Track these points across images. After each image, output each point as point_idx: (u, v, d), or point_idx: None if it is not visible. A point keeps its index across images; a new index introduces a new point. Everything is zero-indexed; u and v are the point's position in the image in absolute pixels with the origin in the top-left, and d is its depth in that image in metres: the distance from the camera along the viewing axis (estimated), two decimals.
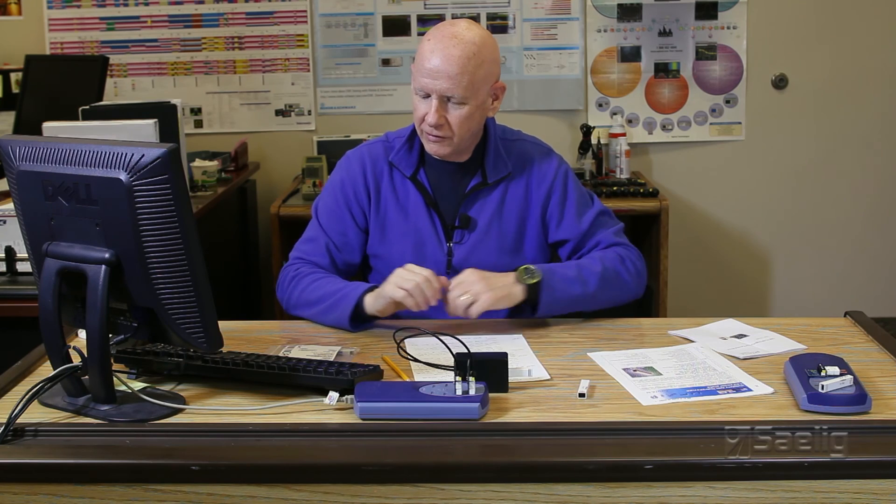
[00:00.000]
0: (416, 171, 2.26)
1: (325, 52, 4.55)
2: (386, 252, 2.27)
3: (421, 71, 2.14)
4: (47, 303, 1.65)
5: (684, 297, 4.51)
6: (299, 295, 2.20)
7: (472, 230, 2.25)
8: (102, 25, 4.54)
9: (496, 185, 2.26)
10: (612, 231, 2.27)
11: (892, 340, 1.95)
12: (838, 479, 1.47)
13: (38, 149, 1.66)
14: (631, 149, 4.40)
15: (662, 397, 1.69)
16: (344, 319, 2.08)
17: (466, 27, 2.17)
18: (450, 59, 2.11)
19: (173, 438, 1.57)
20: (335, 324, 2.11)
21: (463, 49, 2.12)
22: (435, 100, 2.14)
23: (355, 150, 2.34)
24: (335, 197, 2.30)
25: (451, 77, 2.12)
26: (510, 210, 2.26)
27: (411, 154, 2.27)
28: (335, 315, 2.10)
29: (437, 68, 2.12)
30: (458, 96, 2.13)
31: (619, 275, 2.19)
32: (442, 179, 2.27)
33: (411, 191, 2.26)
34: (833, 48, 4.51)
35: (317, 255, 2.27)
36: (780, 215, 4.63)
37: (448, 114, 2.15)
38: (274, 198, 4.16)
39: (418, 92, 2.17)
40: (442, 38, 2.14)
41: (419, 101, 2.18)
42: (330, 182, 2.35)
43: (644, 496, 1.48)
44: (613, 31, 4.50)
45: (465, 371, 1.65)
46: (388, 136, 2.33)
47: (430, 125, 2.15)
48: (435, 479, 1.48)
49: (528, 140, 2.34)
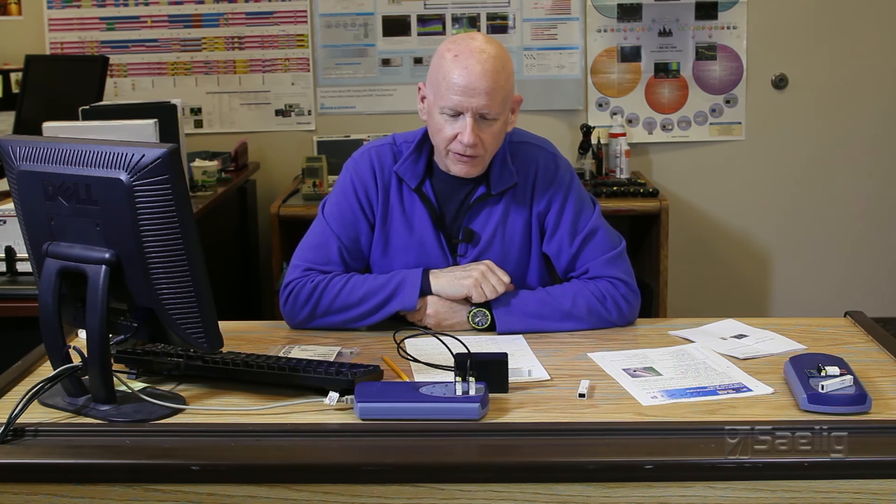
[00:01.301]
0: (421, 182, 2.19)
1: (325, 52, 4.55)
2: (388, 265, 2.19)
3: (451, 89, 2.04)
4: (47, 303, 1.65)
5: (684, 297, 4.51)
6: (330, 303, 2.10)
7: (475, 244, 2.18)
8: (102, 25, 4.54)
9: (501, 196, 2.18)
10: (603, 259, 2.15)
11: (892, 340, 1.95)
12: (838, 479, 1.47)
13: (38, 149, 1.66)
14: (631, 149, 4.40)
15: (662, 397, 1.69)
16: (412, 300, 2.08)
17: (487, 40, 2.09)
18: (484, 74, 2.03)
19: (173, 438, 1.57)
20: (387, 313, 2.09)
21: (493, 63, 2.05)
22: (469, 118, 2.04)
23: (362, 152, 2.24)
24: (348, 200, 2.20)
25: (488, 93, 2.03)
26: (514, 220, 2.19)
27: (417, 165, 2.19)
28: (396, 301, 2.09)
29: (472, 85, 2.03)
30: (493, 112, 2.05)
31: (593, 313, 2.10)
32: (447, 191, 2.19)
33: (417, 203, 2.19)
34: (833, 48, 4.51)
35: (330, 262, 2.17)
36: (780, 215, 4.63)
37: (481, 131, 2.07)
38: (274, 198, 4.16)
39: (445, 111, 2.06)
40: (470, 53, 2.05)
41: (445, 122, 2.07)
42: (339, 185, 2.24)
43: (644, 496, 1.48)
44: (613, 31, 4.50)
45: (465, 371, 1.65)
46: (396, 139, 2.23)
47: (467, 145, 2.06)
48: (435, 479, 1.48)
49: (534, 143, 2.24)
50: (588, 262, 2.16)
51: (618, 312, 2.12)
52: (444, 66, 2.07)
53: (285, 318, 2.16)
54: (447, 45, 2.11)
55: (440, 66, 2.08)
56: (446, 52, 2.08)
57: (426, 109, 2.15)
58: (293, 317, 2.14)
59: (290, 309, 2.14)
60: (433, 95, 2.10)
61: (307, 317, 2.12)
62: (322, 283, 2.12)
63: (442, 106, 2.07)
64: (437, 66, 2.10)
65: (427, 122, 2.16)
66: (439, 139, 2.11)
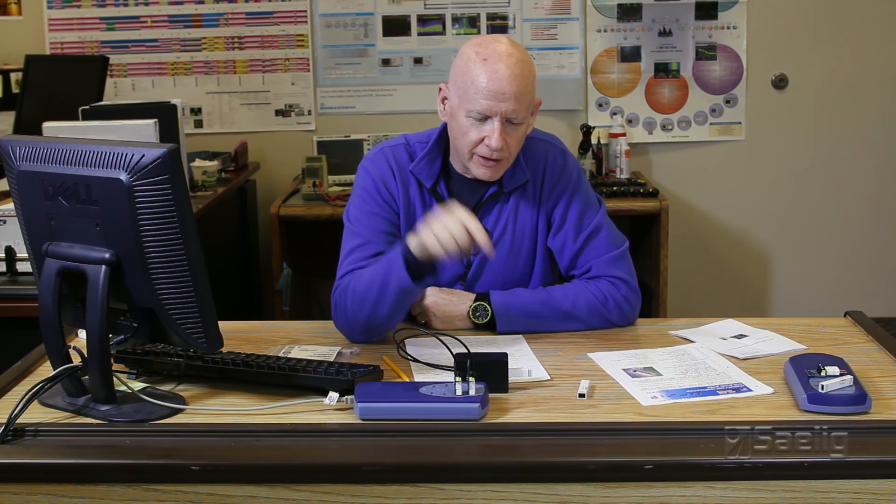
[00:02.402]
0: (436, 182, 2.18)
1: (325, 52, 4.55)
2: None
3: (480, 93, 2.03)
4: (47, 303, 1.65)
5: (684, 297, 4.51)
6: (351, 306, 2.02)
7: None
8: (102, 25, 4.54)
9: (511, 192, 2.19)
10: (607, 258, 2.15)
11: (892, 340, 1.95)
12: (838, 479, 1.47)
13: (38, 149, 1.66)
14: (631, 149, 4.40)
15: (662, 397, 1.69)
16: (403, 278, 1.95)
17: (511, 43, 2.08)
18: (513, 79, 2.02)
19: (173, 438, 1.57)
20: (396, 295, 1.96)
21: (521, 68, 2.04)
22: (497, 122, 2.03)
23: (377, 152, 2.22)
24: (372, 196, 2.17)
25: (517, 98, 2.03)
26: (524, 217, 2.19)
27: (433, 165, 2.18)
28: (393, 282, 1.96)
29: (502, 90, 2.02)
30: (520, 117, 2.05)
31: (594, 313, 2.08)
32: (461, 191, 2.19)
33: (433, 203, 2.17)
34: (833, 48, 4.51)
35: (369, 258, 2.09)
36: (780, 215, 4.63)
37: (507, 135, 2.06)
38: (274, 198, 4.16)
39: (472, 115, 2.05)
40: (498, 57, 2.03)
41: (471, 125, 2.06)
42: (359, 186, 2.20)
43: (644, 496, 1.48)
44: (613, 31, 4.50)
45: (465, 371, 1.65)
46: (409, 139, 2.22)
47: (495, 149, 2.05)
48: (435, 479, 1.48)
49: (543, 139, 2.24)
50: (591, 259, 2.16)
51: (618, 313, 2.11)
52: (472, 70, 2.05)
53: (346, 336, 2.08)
54: (473, 47, 2.08)
55: (467, 69, 2.06)
56: (473, 55, 2.06)
57: (448, 112, 2.13)
58: (344, 331, 2.05)
59: (338, 322, 2.06)
60: (458, 98, 2.08)
61: (351, 328, 2.03)
62: (345, 285, 2.05)
63: (469, 109, 2.05)
64: (463, 69, 2.07)
65: (449, 124, 2.14)
66: (464, 142, 2.09)
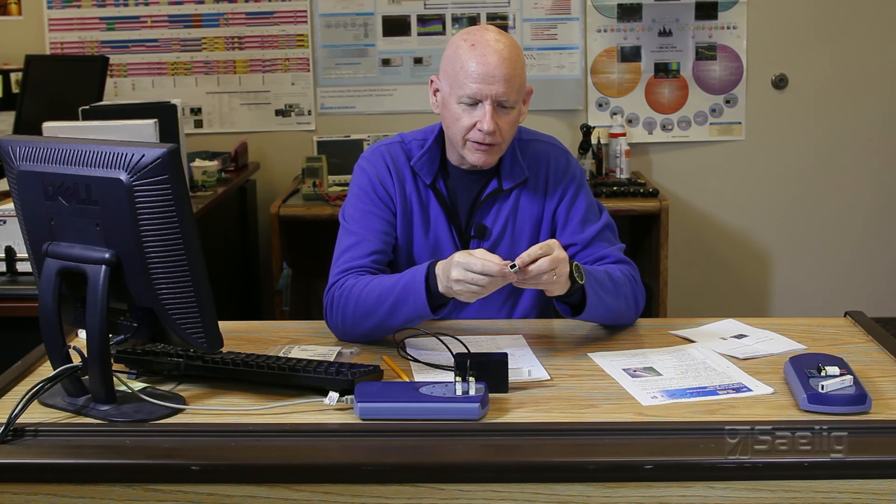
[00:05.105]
0: (435, 178, 2.19)
1: (325, 52, 4.55)
2: (405, 260, 2.18)
3: (469, 77, 2.05)
4: (47, 303, 1.65)
5: (684, 297, 4.51)
6: (353, 313, 2.00)
7: (486, 239, 2.19)
8: (102, 25, 4.54)
9: (511, 191, 2.20)
10: (618, 248, 2.18)
11: (892, 340, 1.95)
12: (838, 479, 1.47)
13: (38, 149, 1.66)
14: (631, 149, 4.40)
15: (662, 397, 1.69)
16: (422, 307, 1.91)
17: (499, 32, 2.10)
18: (502, 62, 2.05)
19: (173, 438, 1.57)
20: (407, 318, 1.94)
21: (510, 51, 2.07)
22: (488, 105, 2.06)
23: (373, 150, 2.23)
24: (368, 195, 2.18)
25: (507, 80, 2.05)
26: (524, 215, 2.20)
27: (433, 162, 2.19)
28: (408, 306, 1.93)
29: (491, 73, 2.04)
30: (511, 100, 2.07)
31: (630, 296, 2.09)
32: (459, 186, 2.20)
33: (432, 199, 2.19)
34: (833, 48, 4.51)
35: (365, 256, 2.10)
36: (780, 215, 4.63)
37: (499, 119, 2.07)
38: (274, 198, 4.16)
39: (463, 100, 2.07)
40: (485, 42, 2.06)
41: (463, 111, 2.08)
42: (355, 184, 2.21)
43: (644, 496, 1.48)
44: (613, 31, 4.50)
45: (465, 371, 1.65)
46: (404, 138, 2.24)
47: (486, 132, 2.06)
48: (435, 479, 1.48)
49: (544, 140, 2.26)
50: (605, 250, 2.16)
51: (641, 296, 2.12)
52: (461, 56, 2.08)
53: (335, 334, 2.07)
54: (462, 36, 2.12)
55: (456, 56, 2.09)
56: (462, 43, 2.09)
57: (440, 102, 2.16)
58: (334, 330, 2.05)
59: (332, 322, 2.05)
60: (449, 86, 2.11)
61: (342, 330, 2.03)
62: (345, 293, 2.02)
63: (460, 95, 2.08)
64: (452, 57, 2.10)
65: (441, 115, 2.16)
66: (456, 129, 2.11)
